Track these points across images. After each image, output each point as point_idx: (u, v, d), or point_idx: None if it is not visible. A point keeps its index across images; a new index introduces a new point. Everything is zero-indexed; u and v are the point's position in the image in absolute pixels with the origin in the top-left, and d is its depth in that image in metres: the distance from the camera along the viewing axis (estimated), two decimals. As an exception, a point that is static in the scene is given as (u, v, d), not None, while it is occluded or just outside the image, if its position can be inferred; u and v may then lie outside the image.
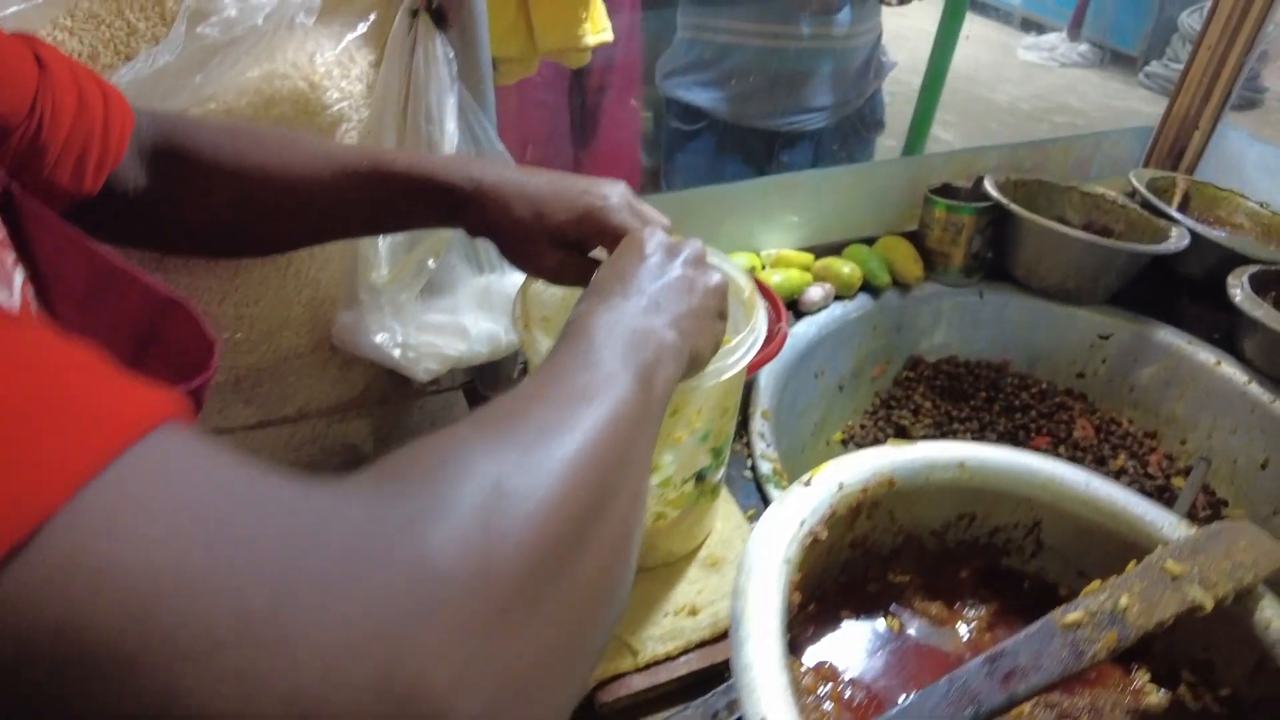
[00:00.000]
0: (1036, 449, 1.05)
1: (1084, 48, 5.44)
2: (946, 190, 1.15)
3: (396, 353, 0.76)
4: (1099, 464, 1.00)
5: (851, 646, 0.62)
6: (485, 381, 0.91)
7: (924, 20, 6.00)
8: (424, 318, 0.77)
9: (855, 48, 1.43)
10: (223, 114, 0.70)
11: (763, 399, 0.93)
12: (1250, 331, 1.02)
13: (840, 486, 0.60)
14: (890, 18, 1.51)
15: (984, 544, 0.67)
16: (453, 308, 0.78)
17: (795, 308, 1.08)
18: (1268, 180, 1.28)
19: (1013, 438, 1.07)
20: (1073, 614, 0.52)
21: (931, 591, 0.66)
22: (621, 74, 1.31)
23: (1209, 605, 0.53)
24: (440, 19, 0.70)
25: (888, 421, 1.10)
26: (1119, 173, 1.33)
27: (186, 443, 0.22)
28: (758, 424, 0.90)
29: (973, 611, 0.65)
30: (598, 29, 0.79)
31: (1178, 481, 0.97)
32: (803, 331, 1.04)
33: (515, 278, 0.81)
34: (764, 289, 0.98)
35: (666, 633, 0.66)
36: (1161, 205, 1.17)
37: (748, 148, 1.48)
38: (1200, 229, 1.13)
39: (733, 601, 0.52)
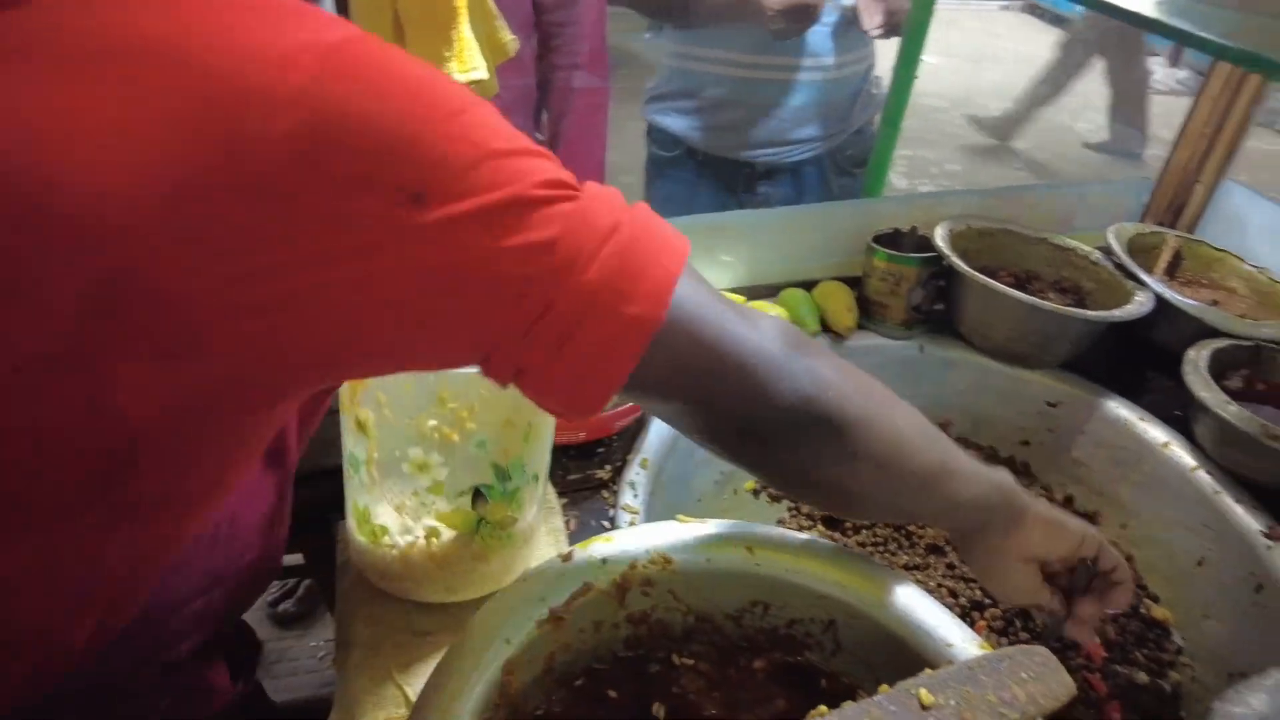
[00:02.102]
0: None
1: (1184, 74, 5.13)
2: (894, 236, 1.10)
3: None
4: (1007, 545, 0.92)
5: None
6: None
7: (1022, 42, 5.77)
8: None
9: (840, 79, 1.38)
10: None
11: (647, 446, 0.90)
12: (1200, 413, 0.93)
13: (603, 562, 0.57)
14: (982, 37, 1.44)
15: (783, 634, 0.62)
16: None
17: (717, 351, 1.04)
18: (1269, 243, 1.17)
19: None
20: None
21: (717, 681, 0.62)
22: (586, 99, 1.29)
23: None
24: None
25: (809, 476, 1.05)
26: (1109, 226, 1.24)
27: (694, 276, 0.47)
28: (632, 473, 0.87)
29: (752, 712, 0.60)
30: (466, 67, 0.78)
31: (1089, 573, 0.89)
32: (716, 377, 1.00)
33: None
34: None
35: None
36: (1132, 265, 1.08)
37: (725, 178, 1.44)
38: (1171, 295, 1.04)
39: (430, 677, 0.50)
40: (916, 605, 0.57)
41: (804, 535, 0.61)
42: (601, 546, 0.58)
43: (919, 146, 4.20)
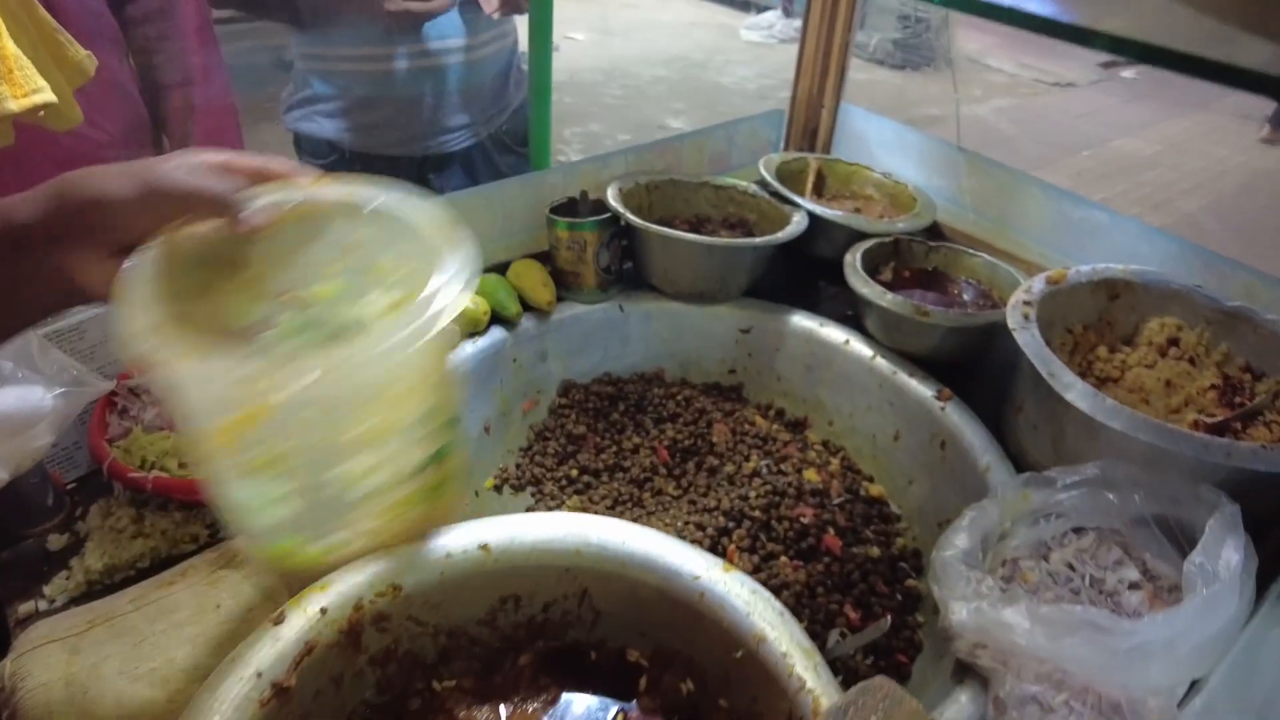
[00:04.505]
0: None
1: (799, 23, 5.75)
2: (570, 205, 1.10)
3: None
4: (737, 468, 0.98)
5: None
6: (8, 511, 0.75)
7: (659, 11, 6.13)
8: None
9: (480, 60, 1.35)
10: None
11: (364, 474, 0.82)
12: (866, 308, 1.04)
13: (323, 613, 0.51)
14: (622, 10, 1.45)
15: (540, 622, 0.60)
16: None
17: (420, 355, 0.99)
18: (887, 151, 1.33)
19: (673, 448, 1.04)
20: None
21: (485, 692, 0.58)
22: (209, 119, 1.16)
23: None
24: None
25: (544, 454, 1.03)
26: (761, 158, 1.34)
27: None
28: (354, 506, 0.79)
29: (525, 707, 0.58)
30: (23, 91, 0.65)
31: (810, 474, 0.97)
32: (425, 382, 0.94)
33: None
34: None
35: None
36: (784, 190, 1.17)
37: (393, 177, 1.37)
38: (819, 209, 1.14)
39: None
40: (659, 549, 0.57)
41: (536, 515, 0.58)
42: (318, 596, 0.52)
43: (588, 122, 4.34)
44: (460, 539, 0.56)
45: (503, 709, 0.57)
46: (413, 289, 0.49)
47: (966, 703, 0.66)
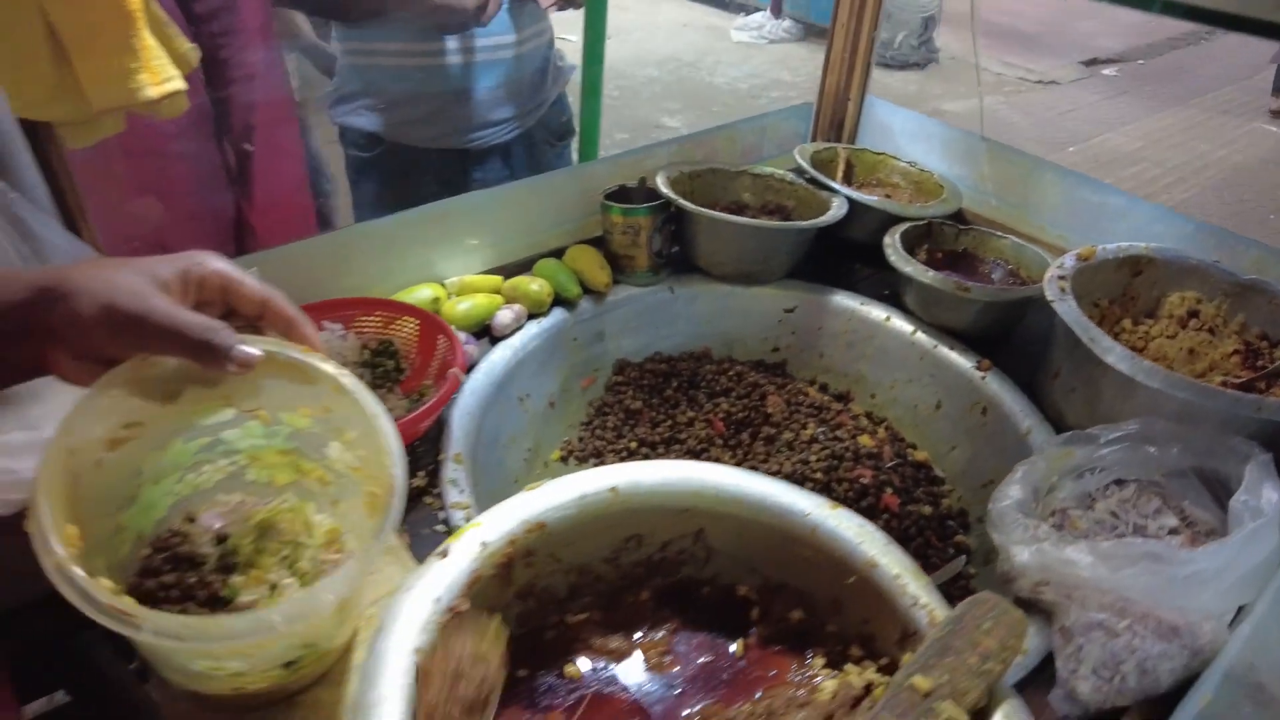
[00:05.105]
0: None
1: (787, 24, 5.84)
2: (622, 192, 1.16)
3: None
4: (795, 435, 1.04)
5: (526, 707, 0.58)
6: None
7: (651, 12, 6.19)
8: (-6, 439, 0.63)
9: (523, 55, 1.41)
10: None
11: (454, 442, 0.88)
12: (907, 286, 1.11)
13: (483, 546, 0.56)
14: (614, 12, 1.50)
15: (658, 560, 0.66)
16: (38, 420, 0.66)
17: (490, 335, 1.04)
18: (911, 141, 1.40)
19: (727, 419, 1.09)
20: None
21: (612, 624, 0.64)
22: (268, 111, 1.20)
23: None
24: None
25: (604, 428, 1.09)
26: (790, 150, 1.40)
27: None
28: (449, 470, 0.85)
29: (653, 635, 0.63)
30: (159, 78, 0.69)
31: (864, 439, 1.03)
32: (497, 358, 1.00)
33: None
34: (438, 324, 0.92)
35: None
36: (822, 178, 1.24)
37: (435, 169, 1.42)
38: (857, 195, 1.21)
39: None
40: (769, 490, 0.63)
41: (656, 462, 0.64)
42: (476, 533, 0.57)
43: (584, 121, 4.39)
44: (592, 482, 0.62)
45: (634, 637, 0.63)
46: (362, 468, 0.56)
47: (1033, 634, 0.72)
